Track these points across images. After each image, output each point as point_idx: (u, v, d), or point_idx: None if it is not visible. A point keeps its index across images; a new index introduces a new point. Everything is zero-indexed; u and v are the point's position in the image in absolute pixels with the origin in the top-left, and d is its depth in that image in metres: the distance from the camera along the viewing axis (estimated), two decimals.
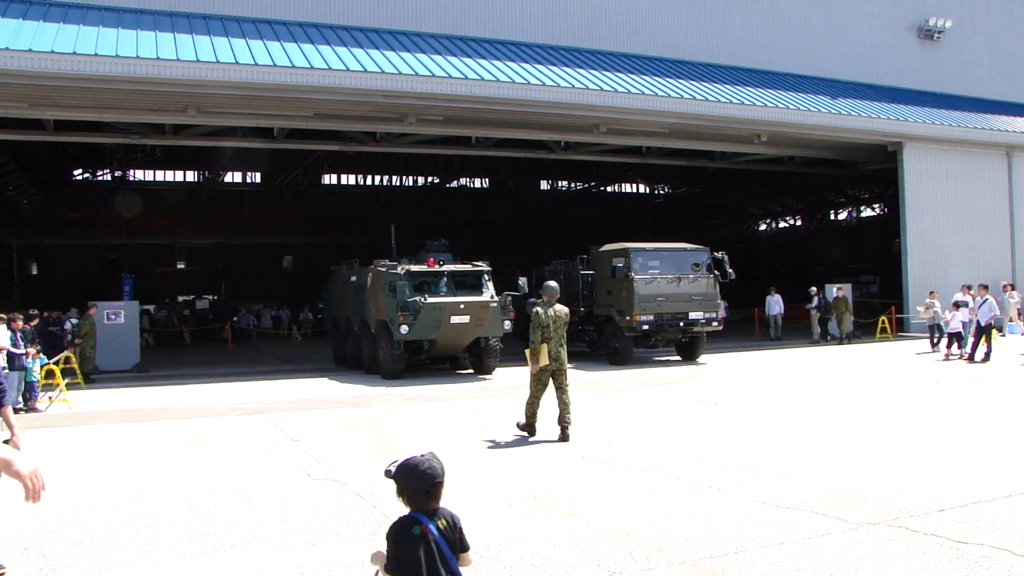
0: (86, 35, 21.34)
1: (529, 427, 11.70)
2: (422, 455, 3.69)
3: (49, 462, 10.51)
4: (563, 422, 11.45)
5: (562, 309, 12.05)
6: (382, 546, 3.71)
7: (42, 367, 16.97)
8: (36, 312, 22.16)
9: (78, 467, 10.18)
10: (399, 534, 3.63)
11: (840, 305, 29.40)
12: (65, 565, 6.38)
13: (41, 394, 16.68)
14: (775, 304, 31.03)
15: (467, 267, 21.28)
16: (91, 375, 22.15)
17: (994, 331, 21.93)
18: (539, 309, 11.81)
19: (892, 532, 6.59)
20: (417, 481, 3.65)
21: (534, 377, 11.77)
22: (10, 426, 6.09)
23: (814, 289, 30.30)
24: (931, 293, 25.16)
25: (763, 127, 29.44)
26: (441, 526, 3.70)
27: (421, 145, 30.47)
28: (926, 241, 31.54)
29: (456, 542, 3.74)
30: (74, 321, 24.92)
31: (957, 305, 22.91)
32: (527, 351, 11.87)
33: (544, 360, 11.59)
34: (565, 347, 11.96)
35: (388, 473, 3.73)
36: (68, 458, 10.86)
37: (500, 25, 28.69)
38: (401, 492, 3.70)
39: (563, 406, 11.59)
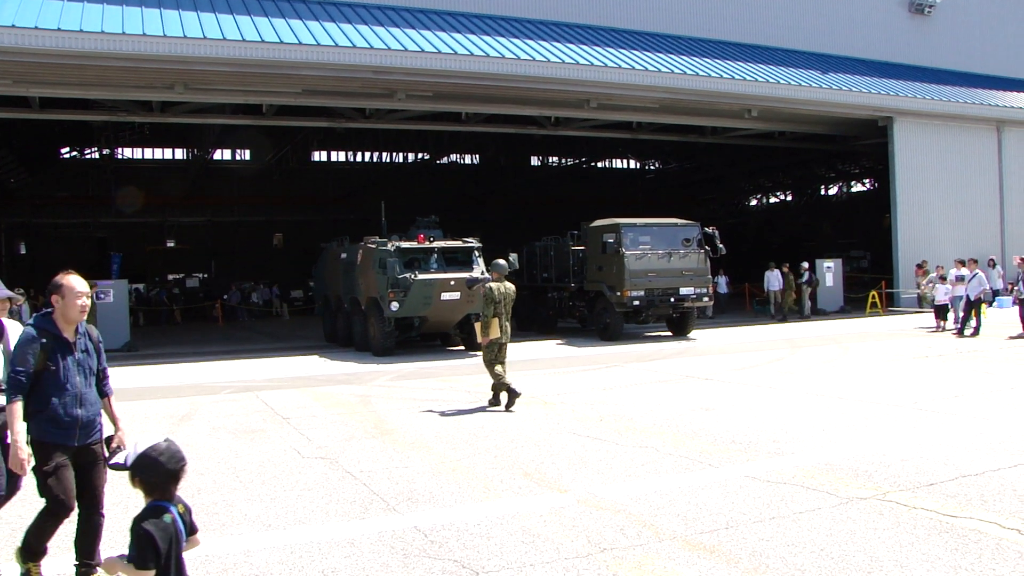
0: (71, 10, 21.13)
1: (510, 393, 12.03)
2: (160, 442, 3.64)
3: None
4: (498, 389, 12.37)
5: (510, 286, 12.94)
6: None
7: None
8: (22, 292, 22.01)
9: None
10: (154, 524, 3.55)
11: (787, 281, 29.61)
12: (53, 545, 6.32)
13: None
14: (775, 280, 30.25)
15: (457, 243, 21.23)
16: None
17: (983, 305, 22.01)
18: (492, 285, 12.53)
19: (882, 506, 6.61)
20: (165, 468, 3.62)
21: (487, 349, 12.48)
22: (114, 419, 5.71)
23: (806, 264, 30.30)
24: (938, 267, 25.14)
25: (754, 102, 29.41)
26: (180, 511, 3.69)
27: (411, 121, 30.38)
28: (916, 216, 31.60)
29: (190, 525, 3.72)
30: None
31: (945, 279, 23.18)
32: (477, 324, 12.77)
33: (496, 333, 12.37)
34: (510, 322, 12.83)
35: (118, 466, 3.66)
36: None
37: (490, 0, 28.51)
38: (143, 482, 3.66)
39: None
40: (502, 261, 13.30)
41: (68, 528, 5.54)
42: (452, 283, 19.67)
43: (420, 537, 6.25)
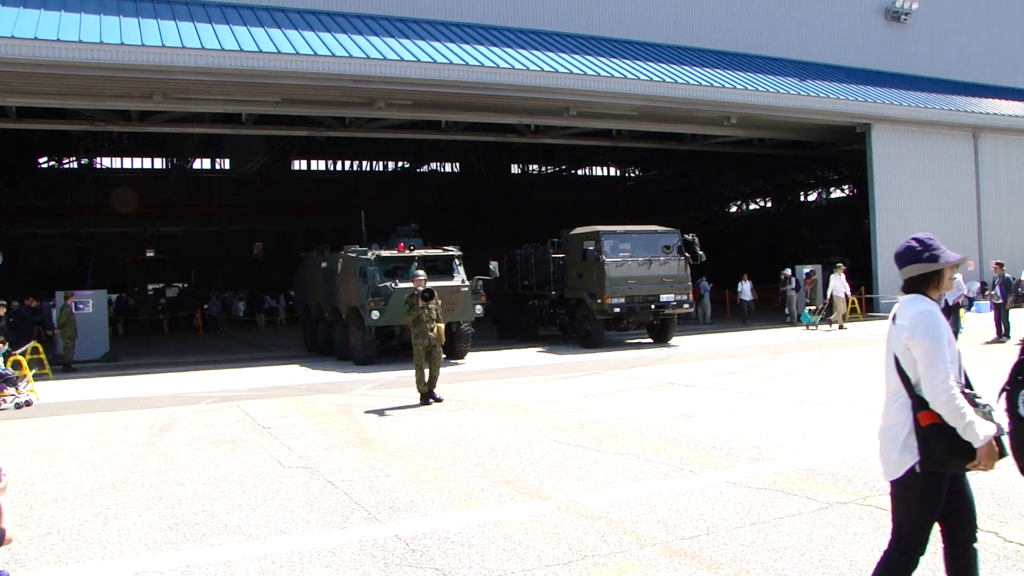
0: (48, 20, 21.02)
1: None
2: None
3: (16, 454, 10.41)
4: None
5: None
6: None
7: (6, 357, 16.72)
8: (4, 302, 21.88)
9: (46, 458, 10.07)
10: None
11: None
12: (32, 558, 6.31)
13: (7, 388, 16.36)
14: (840, 285, 27.34)
15: (438, 252, 21.24)
16: (71, 365, 22.07)
17: (961, 310, 22.16)
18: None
19: (862, 511, 6.64)
20: None
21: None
22: None
23: (788, 271, 30.42)
24: None
25: (732, 109, 29.54)
26: None
27: (390, 130, 30.35)
28: (895, 221, 31.78)
29: None
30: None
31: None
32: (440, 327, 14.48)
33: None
34: (415, 327, 14.32)
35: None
36: (35, 449, 10.74)
37: (468, 8, 28.57)
38: None
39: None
40: (421, 272, 15.45)
41: None
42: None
43: (401, 546, 6.23)
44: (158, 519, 7.22)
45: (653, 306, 22.70)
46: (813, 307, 28.74)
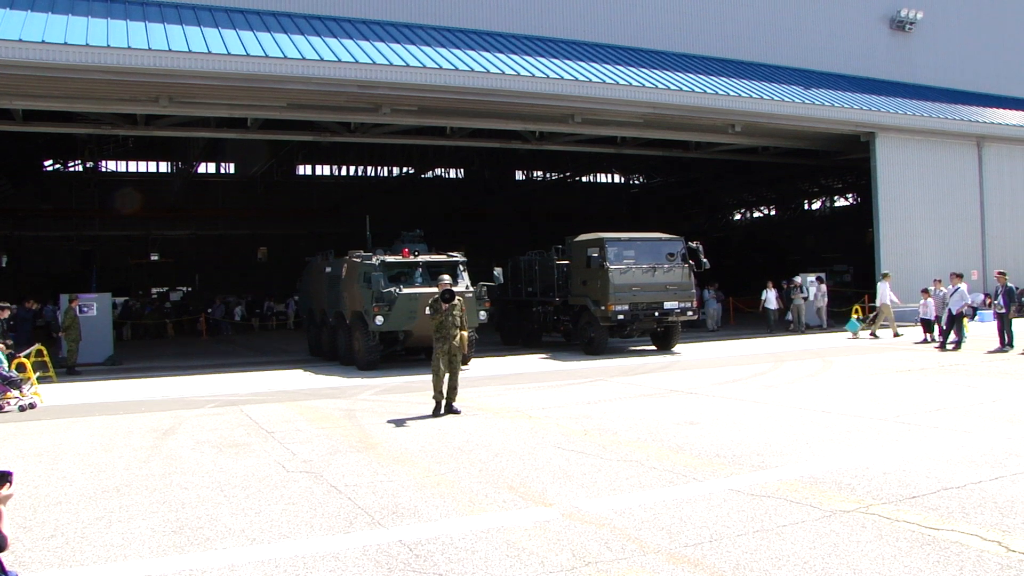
0: (55, 23, 21.07)
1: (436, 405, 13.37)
2: None
3: (20, 456, 10.43)
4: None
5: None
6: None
7: (10, 360, 16.72)
8: (7, 304, 21.87)
9: (50, 461, 10.09)
10: None
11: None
12: (36, 561, 6.32)
13: (11, 390, 16.34)
14: (886, 294, 26.53)
15: (442, 257, 21.26)
16: (75, 368, 22.08)
17: (965, 319, 22.17)
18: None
19: (865, 519, 6.65)
20: None
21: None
22: None
23: (798, 279, 30.41)
24: (936, 281, 25.20)
25: (737, 117, 29.54)
26: None
27: (396, 135, 30.36)
28: (899, 230, 31.77)
29: None
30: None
31: (928, 292, 23.56)
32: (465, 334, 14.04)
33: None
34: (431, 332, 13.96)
35: None
36: (39, 452, 10.75)
37: (474, 15, 28.60)
38: None
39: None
40: (446, 276, 14.45)
41: None
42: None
43: (405, 551, 6.24)
44: (162, 522, 7.23)
45: (657, 313, 22.71)
46: (860, 315, 28.29)
